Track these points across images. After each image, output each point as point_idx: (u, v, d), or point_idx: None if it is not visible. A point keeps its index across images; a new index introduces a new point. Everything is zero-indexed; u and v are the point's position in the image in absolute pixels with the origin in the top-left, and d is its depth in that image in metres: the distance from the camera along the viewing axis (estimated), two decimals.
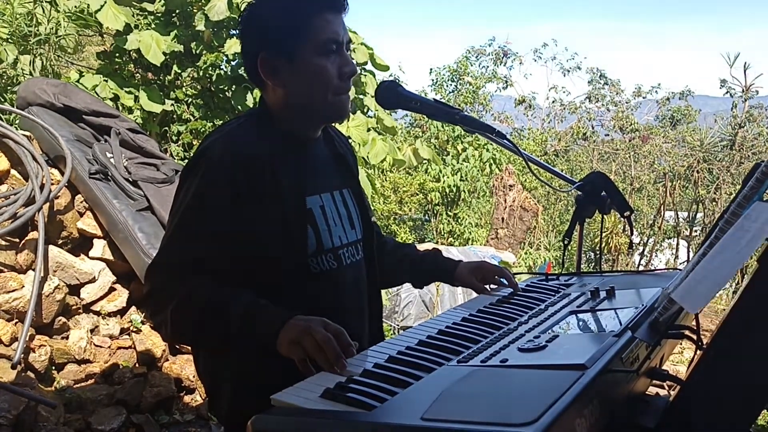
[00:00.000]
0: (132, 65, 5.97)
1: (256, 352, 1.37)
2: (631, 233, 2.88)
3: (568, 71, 17.11)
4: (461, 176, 12.08)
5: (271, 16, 1.49)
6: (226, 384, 1.54)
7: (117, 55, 5.82)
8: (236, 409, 1.49)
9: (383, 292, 2.06)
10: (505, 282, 1.80)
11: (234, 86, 5.76)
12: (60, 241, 3.53)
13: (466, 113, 1.80)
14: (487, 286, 1.83)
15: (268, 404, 1.07)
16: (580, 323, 1.39)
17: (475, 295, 1.81)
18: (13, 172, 3.48)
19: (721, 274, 1.06)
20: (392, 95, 1.77)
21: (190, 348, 2.55)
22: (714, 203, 13.19)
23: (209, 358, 1.58)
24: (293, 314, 1.33)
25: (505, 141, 1.81)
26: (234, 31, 5.86)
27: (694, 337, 1.28)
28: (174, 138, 5.79)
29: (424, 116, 1.97)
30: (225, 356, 1.53)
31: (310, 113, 1.55)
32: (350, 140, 5.28)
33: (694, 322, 1.32)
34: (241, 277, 1.43)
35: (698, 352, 1.19)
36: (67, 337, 3.40)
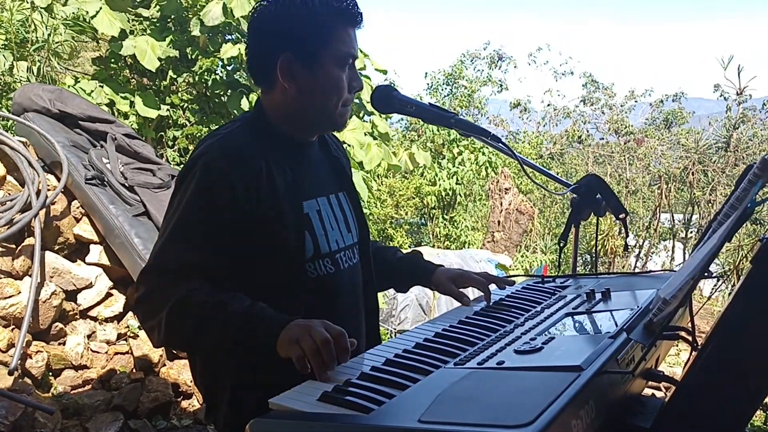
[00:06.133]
0: (127, 71, 5.98)
1: (255, 358, 1.36)
2: (626, 235, 2.91)
3: (562, 75, 17.14)
4: (457, 180, 12.09)
5: (298, 20, 1.48)
6: (224, 391, 1.53)
7: (112, 60, 5.83)
8: (235, 417, 1.49)
9: (379, 295, 2.05)
10: (493, 288, 1.74)
11: (229, 91, 5.77)
12: (56, 247, 3.53)
13: (461, 117, 1.81)
14: (467, 291, 1.78)
15: (267, 410, 1.07)
16: (576, 325, 1.40)
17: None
18: (9, 178, 3.49)
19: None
20: (388, 99, 1.78)
21: (186, 354, 2.54)
22: (709, 205, 13.22)
23: (207, 366, 1.58)
24: (293, 317, 1.32)
25: (500, 144, 1.82)
26: (229, 36, 5.87)
27: (690, 338, 1.30)
28: (170, 143, 5.79)
29: (420, 120, 1.98)
30: (223, 364, 1.52)
31: (315, 119, 1.56)
32: (345, 144, 5.31)
33: (689, 324, 1.33)
34: (237, 282, 1.43)
35: (693, 353, 1.20)
36: (64, 343, 3.40)
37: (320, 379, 1.19)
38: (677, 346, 5.67)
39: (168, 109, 5.72)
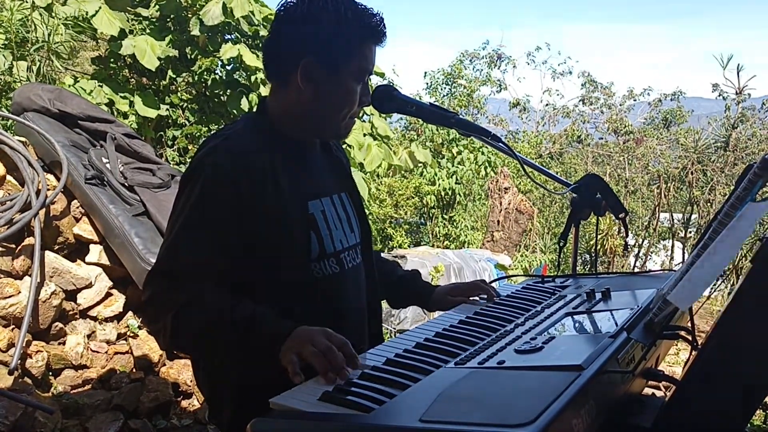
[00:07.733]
0: (127, 70, 5.99)
1: (258, 359, 1.36)
2: (626, 235, 2.95)
3: (561, 75, 17.14)
4: (456, 179, 12.10)
5: (329, 28, 1.48)
6: (228, 391, 1.53)
7: (112, 60, 5.84)
8: (239, 416, 1.48)
9: None
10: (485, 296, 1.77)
11: (229, 91, 5.78)
12: (56, 247, 3.53)
13: (461, 116, 1.81)
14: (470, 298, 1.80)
15: (270, 410, 1.07)
16: (576, 325, 1.41)
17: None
18: (9, 177, 3.48)
19: (710, 272, 1.07)
20: (388, 99, 1.78)
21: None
22: (708, 204, 13.23)
23: (210, 367, 1.58)
24: (297, 324, 1.32)
25: (500, 144, 1.82)
26: (229, 36, 5.88)
27: (690, 337, 1.30)
28: (169, 143, 5.80)
29: (419, 120, 1.99)
30: (226, 364, 1.52)
31: (322, 125, 1.58)
32: (345, 145, 5.32)
33: (689, 323, 1.33)
34: (243, 282, 1.43)
35: (693, 352, 1.20)
36: (63, 343, 3.40)
37: (326, 379, 1.19)
38: (677, 345, 5.68)
39: (167, 109, 5.73)
